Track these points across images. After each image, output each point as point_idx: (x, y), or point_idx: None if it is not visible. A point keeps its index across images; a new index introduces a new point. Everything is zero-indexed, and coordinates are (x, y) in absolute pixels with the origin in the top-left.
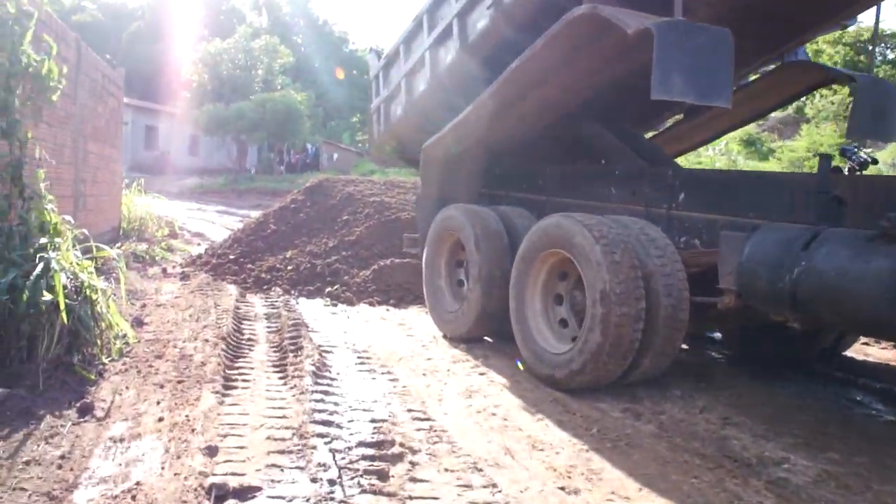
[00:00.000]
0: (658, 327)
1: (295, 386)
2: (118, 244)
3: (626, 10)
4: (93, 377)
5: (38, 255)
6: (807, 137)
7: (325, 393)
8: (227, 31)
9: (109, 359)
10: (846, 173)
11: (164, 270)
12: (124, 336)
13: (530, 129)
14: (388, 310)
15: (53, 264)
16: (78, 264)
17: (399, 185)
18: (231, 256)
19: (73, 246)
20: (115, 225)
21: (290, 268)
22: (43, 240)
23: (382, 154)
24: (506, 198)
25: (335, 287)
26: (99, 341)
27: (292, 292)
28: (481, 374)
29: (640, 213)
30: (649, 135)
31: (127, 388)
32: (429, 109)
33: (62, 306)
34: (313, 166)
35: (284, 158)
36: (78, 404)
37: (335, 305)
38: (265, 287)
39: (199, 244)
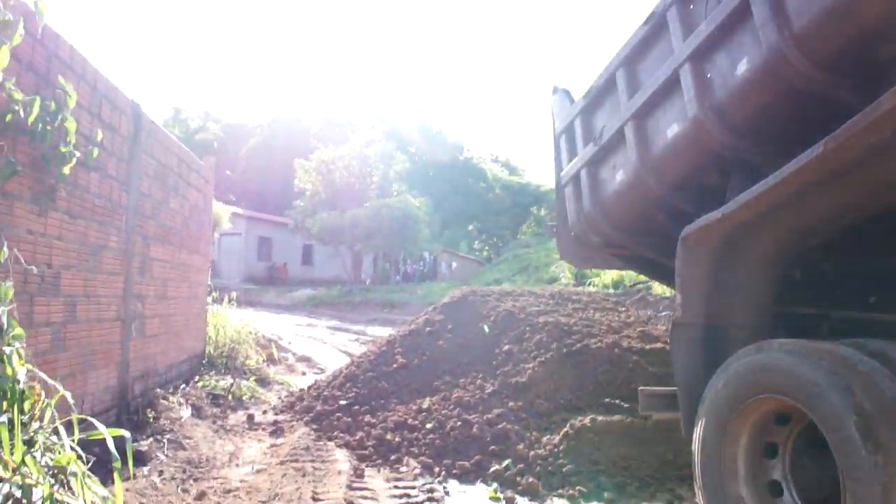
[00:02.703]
0: None
1: None
2: (195, 379)
3: None
4: None
5: None
6: None
7: None
8: (341, 142)
9: None
10: None
11: (251, 418)
12: None
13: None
14: None
15: None
16: (55, 468)
17: (572, 299)
18: (342, 402)
19: (53, 421)
20: (197, 352)
21: (429, 426)
22: None
23: (582, 249)
24: (824, 321)
25: (505, 464)
26: None
27: (436, 470)
28: None
29: None
30: None
31: None
32: (683, 170)
33: None
34: (430, 276)
35: (401, 268)
36: None
37: (512, 503)
38: (392, 458)
39: (303, 373)
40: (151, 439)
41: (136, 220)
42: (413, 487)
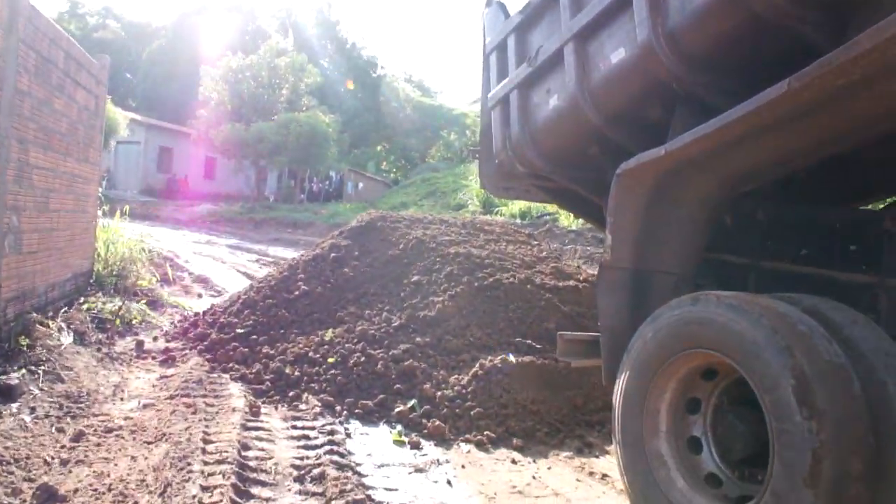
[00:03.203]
0: None
1: None
2: (80, 300)
3: None
4: None
5: None
6: None
7: None
8: (251, 52)
9: None
10: None
11: (140, 345)
12: None
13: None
14: (514, 462)
15: None
16: None
17: (484, 230)
18: (240, 330)
19: None
20: (84, 270)
21: (331, 360)
22: None
23: (505, 177)
24: (752, 271)
25: (410, 405)
26: None
27: (338, 409)
28: None
29: None
30: None
31: None
32: (625, 101)
33: None
34: (336, 196)
35: (306, 186)
36: None
37: (417, 447)
38: (291, 394)
39: (199, 295)
40: (24, 371)
41: (11, 121)
42: (313, 428)
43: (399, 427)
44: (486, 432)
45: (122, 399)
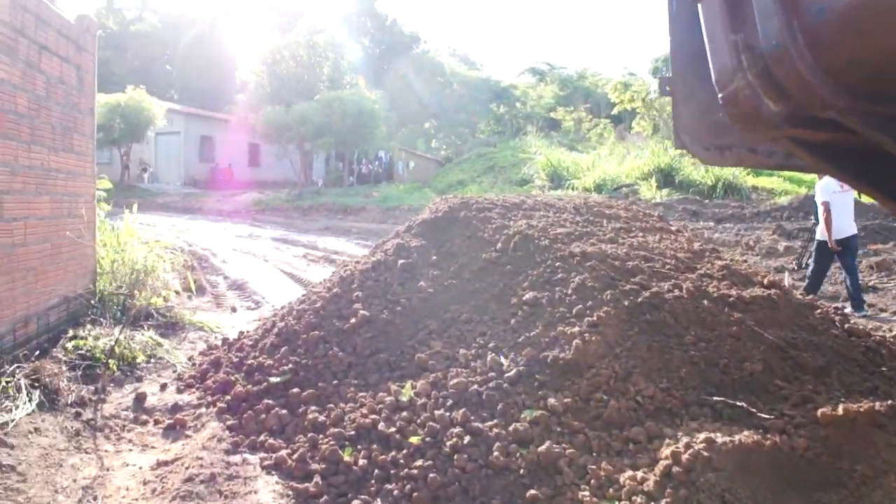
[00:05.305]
0: None
1: None
2: (68, 333)
3: None
4: None
5: None
6: None
7: None
8: (288, 32)
9: None
10: None
11: (141, 400)
12: None
13: None
14: None
15: None
16: None
17: (607, 215)
18: (274, 378)
19: None
20: (79, 292)
21: (414, 439)
22: None
23: (733, 124)
24: None
25: None
26: None
27: None
28: None
29: None
30: None
31: None
32: None
33: None
34: (387, 177)
35: (355, 168)
36: None
37: None
38: (353, 501)
39: (233, 308)
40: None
41: None
42: None
43: None
44: None
45: None
